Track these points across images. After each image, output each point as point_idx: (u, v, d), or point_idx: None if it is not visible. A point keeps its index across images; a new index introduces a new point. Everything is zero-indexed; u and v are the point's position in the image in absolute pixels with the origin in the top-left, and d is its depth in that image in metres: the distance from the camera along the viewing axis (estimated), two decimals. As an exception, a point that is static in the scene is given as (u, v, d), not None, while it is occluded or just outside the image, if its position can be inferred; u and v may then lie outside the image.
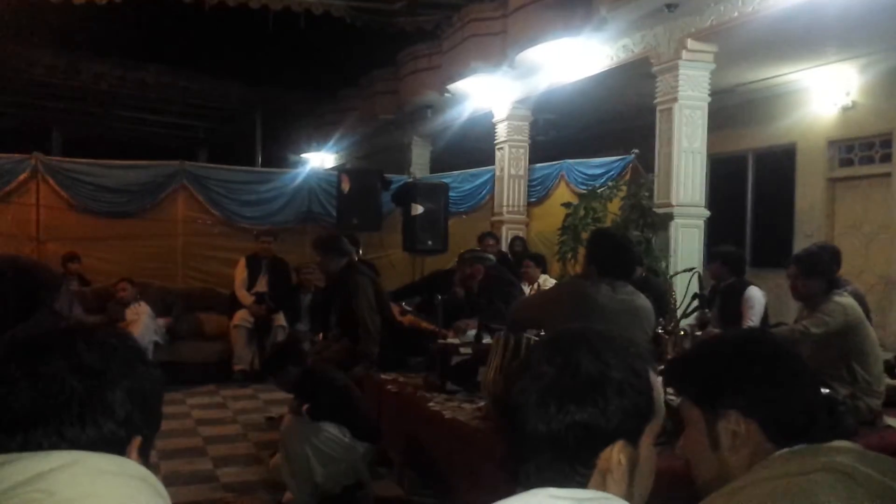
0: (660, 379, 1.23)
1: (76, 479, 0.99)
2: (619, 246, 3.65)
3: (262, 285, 8.09)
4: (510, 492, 1.13)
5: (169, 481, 4.60)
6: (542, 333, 3.93)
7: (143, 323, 7.39)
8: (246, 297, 7.97)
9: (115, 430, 1.08)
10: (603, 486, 1.12)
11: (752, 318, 5.50)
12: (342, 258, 5.47)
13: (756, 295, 5.68)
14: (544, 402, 1.14)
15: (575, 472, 1.12)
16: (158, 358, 7.24)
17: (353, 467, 4.22)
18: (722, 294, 5.80)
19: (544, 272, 7.80)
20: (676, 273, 6.41)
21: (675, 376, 1.57)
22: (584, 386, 1.13)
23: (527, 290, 7.10)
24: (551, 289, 4.89)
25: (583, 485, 1.13)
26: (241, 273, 8.12)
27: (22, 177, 8.69)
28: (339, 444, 4.16)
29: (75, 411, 1.05)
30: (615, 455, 1.12)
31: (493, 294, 5.63)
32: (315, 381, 4.29)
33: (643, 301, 3.55)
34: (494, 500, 1.11)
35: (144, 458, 1.12)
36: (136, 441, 1.10)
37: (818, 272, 4.04)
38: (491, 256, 6.55)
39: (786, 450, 1.34)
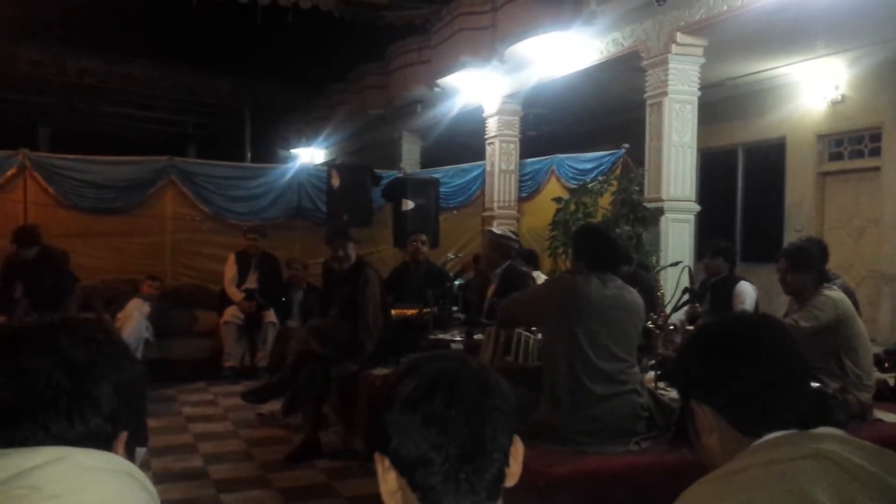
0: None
1: (63, 475, 0.98)
2: (606, 238, 3.68)
3: (251, 282, 8.05)
4: None
5: (160, 478, 4.58)
6: (535, 330, 3.92)
7: (136, 319, 7.34)
8: (235, 294, 7.93)
9: (101, 425, 1.07)
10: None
11: (743, 313, 5.50)
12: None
13: (747, 289, 5.69)
14: None
15: None
16: (149, 355, 7.20)
17: None
18: (713, 288, 5.80)
19: (536, 269, 7.73)
20: (663, 267, 6.41)
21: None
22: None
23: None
24: (541, 285, 4.84)
25: None
26: (230, 269, 8.07)
27: (9, 173, 8.55)
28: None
29: (62, 406, 1.04)
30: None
31: (507, 289, 5.55)
32: None
33: (633, 295, 3.55)
34: None
35: (130, 454, 1.11)
36: (123, 436, 1.09)
37: (807, 266, 4.04)
38: (516, 245, 6.06)
39: (776, 434, 1.32)
